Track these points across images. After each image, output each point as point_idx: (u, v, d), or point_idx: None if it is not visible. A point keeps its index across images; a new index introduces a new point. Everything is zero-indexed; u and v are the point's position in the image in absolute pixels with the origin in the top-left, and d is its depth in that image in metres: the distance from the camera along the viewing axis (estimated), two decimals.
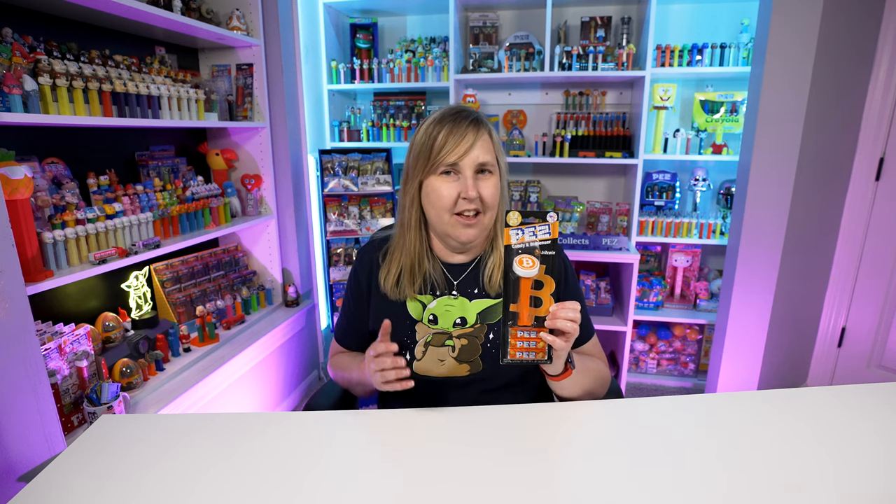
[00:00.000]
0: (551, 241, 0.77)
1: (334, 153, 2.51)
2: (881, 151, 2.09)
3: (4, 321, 1.07)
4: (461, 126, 0.90)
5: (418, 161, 0.93)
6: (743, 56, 2.25)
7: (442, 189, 0.91)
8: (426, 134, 0.92)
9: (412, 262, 0.98)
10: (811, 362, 2.38)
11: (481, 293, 0.99)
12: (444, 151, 0.90)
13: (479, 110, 0.94)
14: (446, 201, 0.91)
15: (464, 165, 0.90)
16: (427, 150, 0.91)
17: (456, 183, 0.91)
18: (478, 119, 0.93)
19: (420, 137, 0.94)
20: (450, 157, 0.90)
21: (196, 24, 1.73)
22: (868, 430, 0.82)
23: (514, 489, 0.70)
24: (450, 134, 0.90)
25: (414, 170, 0.94)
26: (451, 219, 0.92)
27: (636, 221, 2.42)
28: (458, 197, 0.90)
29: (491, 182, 0.92)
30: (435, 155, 0.90)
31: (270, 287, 2.25)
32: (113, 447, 0.81)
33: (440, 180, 0.91)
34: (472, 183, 0.90)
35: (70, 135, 1.56)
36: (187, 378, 1.63)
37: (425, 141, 0.92)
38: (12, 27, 1.32)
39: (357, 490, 0.71)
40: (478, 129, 0.91)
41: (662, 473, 0.72)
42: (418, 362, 0.98)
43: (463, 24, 2.60)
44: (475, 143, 0.90)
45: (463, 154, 0.90)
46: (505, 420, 0.86)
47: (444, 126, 0.91)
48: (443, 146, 0.90)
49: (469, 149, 0.90)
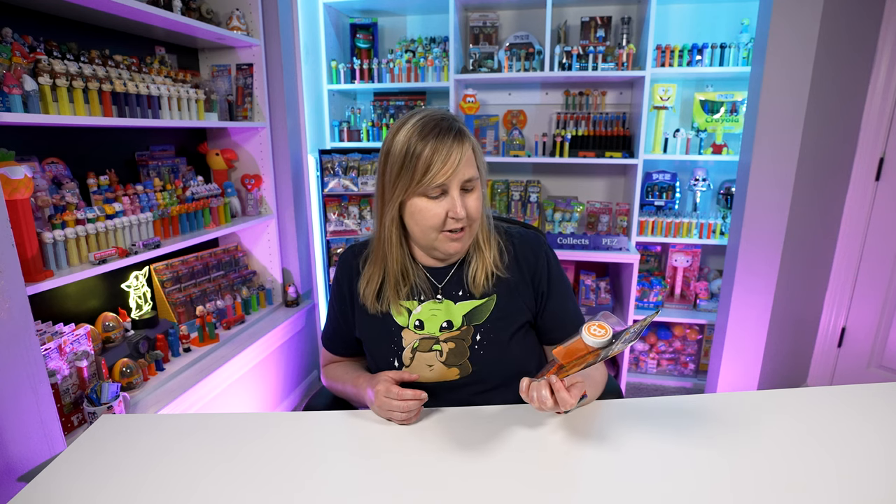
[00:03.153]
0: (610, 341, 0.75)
1: (334, 153, 2.51)
2: (881, 151, 2.09)
3: (4, 321, 1.07)
4: (446, 143, 0.85)
5: (399, 179, 0.87)
6: (743, 56, 2.25)
7: (429, 209, 0.88)
8: (407, 149, 0.86)
9: (396, 277, 0.96)
10: (811, 362, 2.38)
11: (466, 295, 0.98)
12: (432, 173, 0.85)
13: (453, 113, 0.92)
14: (434, 221, 0.88)
15: (451, 185, 0.86)
16: (411, 169, 0.85)
17: (444, 202, 0.87)
18: (460, 130, 0.88)
19: (399, 150, 0.87)
20: (438, 179, 0.85)
21: (196, 24, 1.73)
22: (868, 430, 0.82)
23: (514, 488, 0.70)
24: (435, 153, 0.84)
25: (394, 187, 0.88)
26: (439, 235, 0.90)
27: (636, 221, 2.42)
28: (445, 216, 0.88)
29: (475, 195, 0.90)
30: (421, 176, 0.85)
31: (270, 287, 2.25)
32: (113, 447, 0.81)
33: (426, 201, 0.88)
34: (461, 202, 0.87)
35: (70, 135, 1.56)
36: (187, 378, 1.63)
37: (407, 157, 0.86)
38: (12, 27, 1.32)
39: (357, 490, 0.71)
40: (462, 144, 0.87)
41: (662, 473, 0.72)
42: (407, 369, 0.97)
43: (463, 24, 2.60)
44: (461, 160, 0.86)
45: (451, 175, 0.85)
46: (503, 420, 0.86)
47: (427, 143, 0.85)
48: (429, 167, 0.84)
49: (455, 168, 0.85)
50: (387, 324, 0.98)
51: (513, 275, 0.98)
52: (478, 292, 0.97)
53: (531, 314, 0.99)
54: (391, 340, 0.98)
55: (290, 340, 2.25)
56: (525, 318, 0.98)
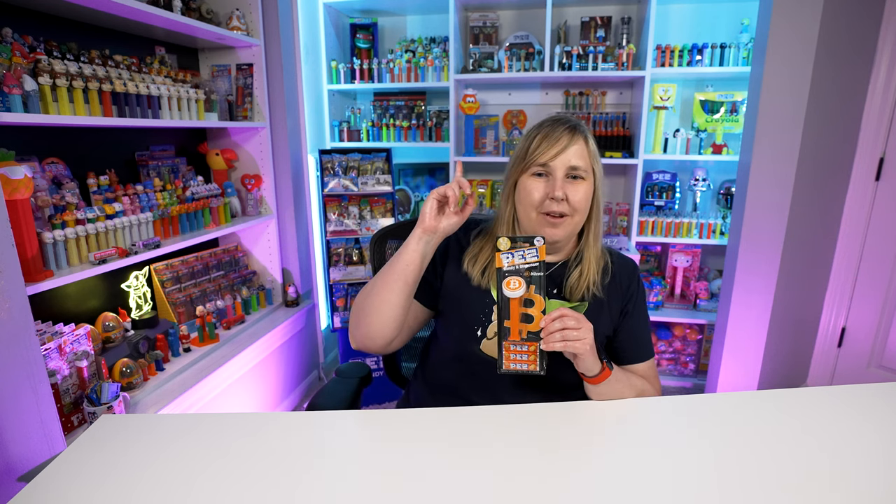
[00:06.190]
0: (538, 263, 0.83)
1: (334, 153, 2.51)
2: (881, 151, 2.09)
3: (4, 321, 1.07)
4: (557, 130, 0.95)
5: (515, 162, 0.98)
6: (743, 56, 2.25)
7: (531, 187, 0.95)
8: (526, 137, 0.98)
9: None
10: (811, 362, 2.38)
11: (560, 295, 1.01)
12: (538, 152, 0.94)
13: (578, 120, 1.01)
14: (534, 199, 0.94)
15: (555, 167, 0.93)
16: (523, 151, 0.97)
17: (546, 183, 0.94)
18: (575, 126, 0.96)
19: (521, 142, 0.99)
20: (541, 158, 0.94)
21: (196, 24, 1.73)
22: (868, 430, 0.82)
23: (512, 487, 0.70)
24: (545, 137, 0.94)
25: (511, 170, 0.99)
26: (538, 217, 0.95)
27: (636, 221, 2.42)
28: (545, 196, 0.93)
29: (581, 188, 0.94)
30: (529, 155, 0.95)
31: (270, 287, 2.25)
32: (113, 447, 0.81)
33: (531, 180, 0.95)
34: (561, 184, 0.93)
35: (70, 135, 1.56)
36: (187, 378, 1.63)
37: (523, 143, 0.98)
38: (12, 27, 1.32)
39: (358, 490, 0.71)
40: (573, 135, 0.95)
41: (662, 473, 0.72)
42: (487, 341, 0.99)
43: (463, 24, 2.60)
44: (568, 146, 0.93)
45: (554, 156, 0.93)
46: (503, 420, 0.86)
47: (541, 130, 0.96)
48: (537, 147, 0.94)
49: (561, 151, 0.93)
50: (482, 294, 1.01)
51: (607, 295, 1.01)
52: (574, 298, 0.99)
53: (610, 331, 1.02)
54: (482, 311, 1.00)
55: (290, 340, 2.25)
56: (604, 335, 1.01)
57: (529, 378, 0.98)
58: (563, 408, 0.91)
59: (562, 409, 0.90)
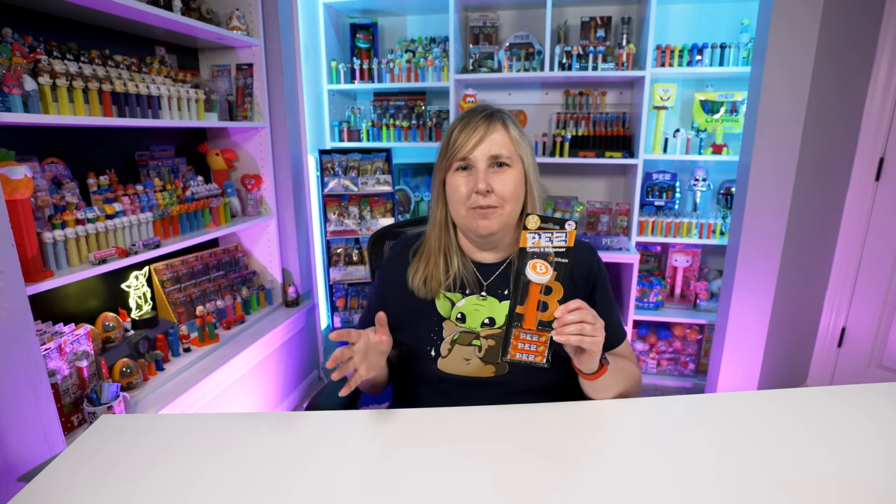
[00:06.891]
0: (566, 249, 0.78)
1: (334, 153, 2.51)
2: (881, 152, 2.09)
3: (4, 321, 1.07)
4: (473, 120, 0.92)
5: (439, 159, 0.96)
6: (743, 56, 2.25)
7: (457, 183, 0.92)
8: (447, 132, 0.96)
9: (440, 259, 0.98)
10: (811, 362, 2.38)
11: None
12: (457, 146, 0.91)
13: (497, 108, 0.98)
14: (461, 195, 0.91)
15: (475, 158, 0.90)
16: (444, 146, 0.94)
17: (471, 177, 0.91)
18: (492, 114, 0.93)
19: (443, 138, 0.97)
20: (461, 152, 0.91)
21: (196, 24, 1.73)
22: (868, 430, 0.82)
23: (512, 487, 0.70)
24: (462, 130, 0.92)
25: (437, 169, 0.97)
26: (468, 212, 0.92)
27: (636, 221, 2.42)
28: (471, 191, 0.91)
29: (507, 175, 0.91)
30: (449, 150, 0.92)
31: (270, 287, 2.25)
32: (113, 447, 0.81)
33: (456, 175, 0.93)
34: (484, 176, 0.90)
35: (70, 135, 1.56)
36: (187, 378, 1.63)
37: (444, 139, 0.95)
38: (12, 27, 1.32)
39: (358, 490, 0.71)
40: (489, 122, 0.91)
41: (662, 473, 0.72)
42: (443, 360, 0.97)
43: (463, 24, 2.60)
44: (486, 136, 0.90)
45: (473, 147, 0.90)
46: (505, 420, 0.86)
47: (459, 122, 0.93)
48: (455, 141, 0.92)
49: (480, 142, 0.90)
50: (429, 313, 0.99)
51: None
52: None
53: None
54: (432, 329, 0.98)
55: (290, 340, 2.25)
56: None
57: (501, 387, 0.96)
58: (563, 408, 0.91)
59: (562, 409, 0.90)
